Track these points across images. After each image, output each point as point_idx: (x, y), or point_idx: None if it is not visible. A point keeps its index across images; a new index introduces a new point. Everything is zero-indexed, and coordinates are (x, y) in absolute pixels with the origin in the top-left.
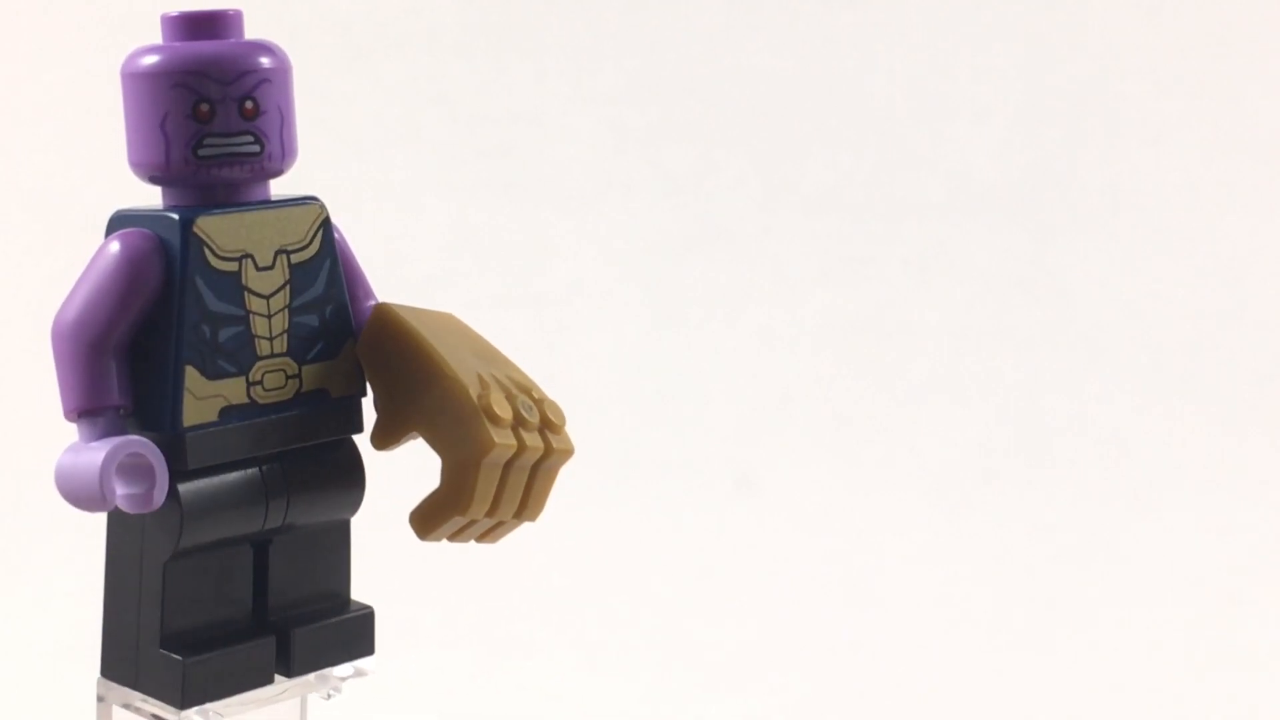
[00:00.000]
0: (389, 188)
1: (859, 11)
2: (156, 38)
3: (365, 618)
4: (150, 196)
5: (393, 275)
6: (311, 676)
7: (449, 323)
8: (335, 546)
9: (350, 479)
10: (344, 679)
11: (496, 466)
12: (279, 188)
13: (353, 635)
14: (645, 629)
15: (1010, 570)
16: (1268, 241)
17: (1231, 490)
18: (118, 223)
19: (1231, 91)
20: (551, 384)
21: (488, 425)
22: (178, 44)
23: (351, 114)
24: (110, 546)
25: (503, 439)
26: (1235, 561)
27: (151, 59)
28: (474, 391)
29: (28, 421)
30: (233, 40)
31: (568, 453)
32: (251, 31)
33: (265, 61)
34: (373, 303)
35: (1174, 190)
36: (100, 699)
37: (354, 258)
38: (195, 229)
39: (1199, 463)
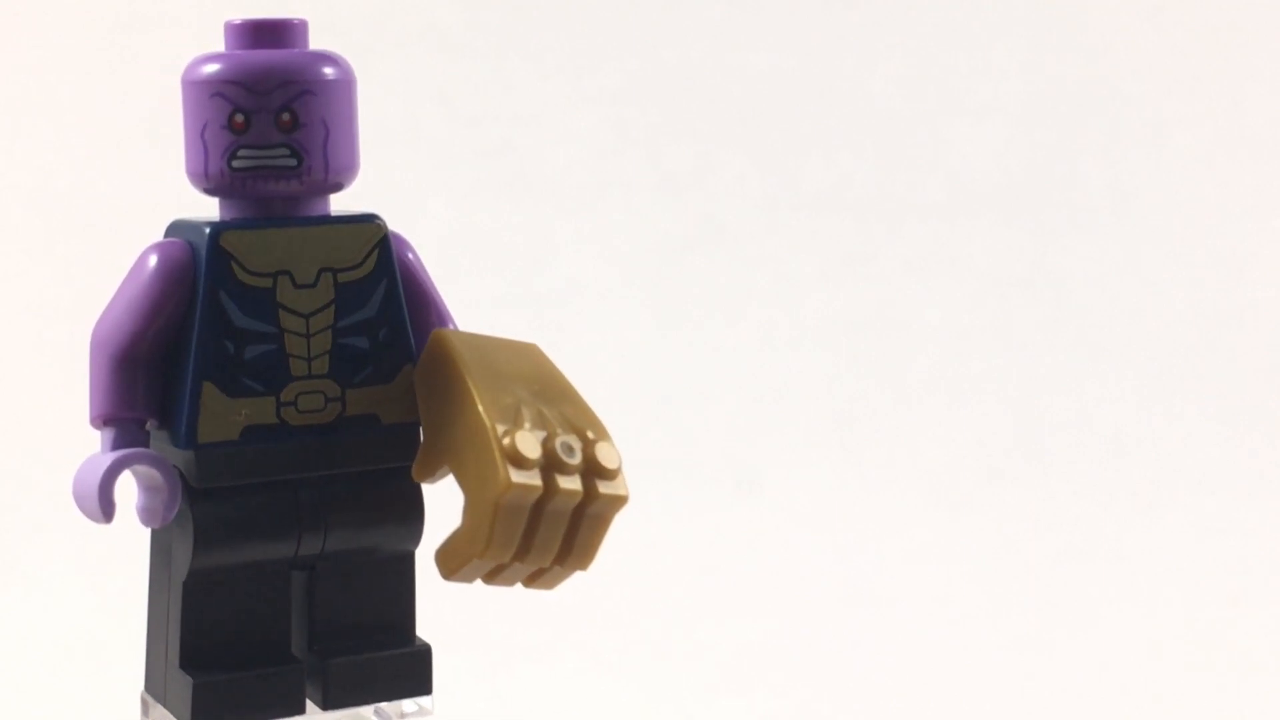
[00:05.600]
0: (389, 188)
1: (859, 11)
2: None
3: (418, 654)
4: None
5: None
6: (369, 711)
7: (515, 354)
8: (395, 578)
9: (405, 510)
10: (404, 717)
11: (519, 509)
12: (343, 203)
13: (402, 672)
14: (646, 630)
15: (1011, 569)
16: (1268, 241)
17: (1231, 490)
18: (170, 232)
19: (1231, 91)
20: None
21: (504, 464)
22: (229, 53)
23: None
24: (151, 563)
25: (522, 479)
26: (1235, 561)
27: (198, 67)
28: (501, 428)
29: (60, 426)
30: (281, 50)
31: (618, 499)
32: None
33: (311, 73)
34: (450, 328)
35: (1174, 190)
36: (144, 712)
37: (425, 280)
38: (221, 243)
39: (1199, 463)
